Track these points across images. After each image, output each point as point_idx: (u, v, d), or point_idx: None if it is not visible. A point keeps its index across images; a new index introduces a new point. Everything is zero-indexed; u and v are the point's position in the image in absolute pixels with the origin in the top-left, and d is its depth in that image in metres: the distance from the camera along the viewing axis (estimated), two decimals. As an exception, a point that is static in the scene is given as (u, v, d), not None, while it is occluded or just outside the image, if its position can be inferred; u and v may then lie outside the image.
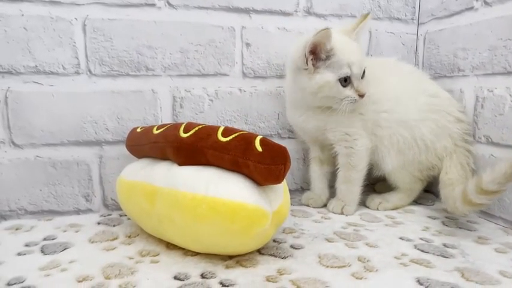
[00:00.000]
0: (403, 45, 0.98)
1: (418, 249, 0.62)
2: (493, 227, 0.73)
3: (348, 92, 0.72)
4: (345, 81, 0.71)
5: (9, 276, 0.52)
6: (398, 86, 0.80)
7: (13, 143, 0.75)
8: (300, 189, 0.96)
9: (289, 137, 0.92)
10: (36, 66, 0.75)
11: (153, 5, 0.79)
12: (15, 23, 0.73)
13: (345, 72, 0.70)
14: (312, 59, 0.70)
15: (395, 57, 0.96)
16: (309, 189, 0.89)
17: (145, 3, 0.79)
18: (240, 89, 0.88)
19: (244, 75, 0.88)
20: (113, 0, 0.77)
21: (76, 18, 0.76)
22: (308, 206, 0.85)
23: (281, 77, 0.89)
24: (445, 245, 0.63)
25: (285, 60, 0.87)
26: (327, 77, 0.70)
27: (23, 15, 0.73)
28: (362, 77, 0.73)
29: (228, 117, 0.88)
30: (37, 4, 0.73)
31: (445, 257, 0.59)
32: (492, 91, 0.77)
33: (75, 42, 0.76)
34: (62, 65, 0.76)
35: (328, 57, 0.70)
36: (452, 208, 0.70)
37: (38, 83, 0.75)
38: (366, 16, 0.76)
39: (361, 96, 0.72)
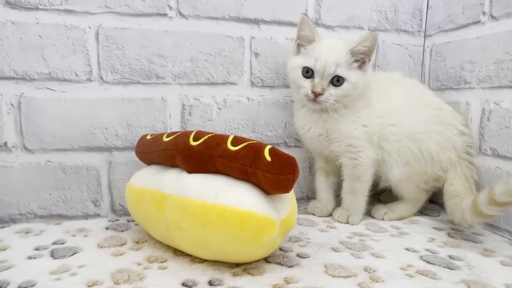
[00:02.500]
0: (409, 56, 0.99)
1: (424, 260, 0.62)
2: (498, 240, 0.73)
3: (305, 83, 0.74)
4: (307, 72, 0.74)
5: (20, 280, 0.53)
6: (404, 100, 0.81)
7: (25, 147, 0.77)
8: (306, 197, 0.96)
9: (295, 146, 0.93)
10: (50, 73, 0.76)
11: (165, 14, 0.81)
12: (31, 30, 0.74)
13: (308, 62, 0.73)
14: (298, 44, 0.76)
15: (401, 68, 0.98)
16: (314, 198, 0.90)
17: (157, 13, 0.81)
18: (248, 98, 0.89)
19: (253, 84, 0.89)
20: (125, 9, 0.79)
21: (89, 27, 0.77)
22: (314, 214, 0.86)
23: (288, 86, 0.90)
24: (451, 257, 0.64)
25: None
26: (297, 60, 0.76)
27: (38, 23, 0.75)
28: (334, 83, 0.73)
29: (236, 126, 0.89)
30: (52, 13, 0.75)
31: (451, 268, 0.59)
32: (498, 104, 0.78)
33: (88, 50, 0.78)
34: (75, 72, 0.78)
35: (308, 44, 0.75)
36: (460, 219, 0.70)
37: (50, 89, 0.77)
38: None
39: (314, 93, 0.72)
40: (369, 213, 0.84)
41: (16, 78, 0.75)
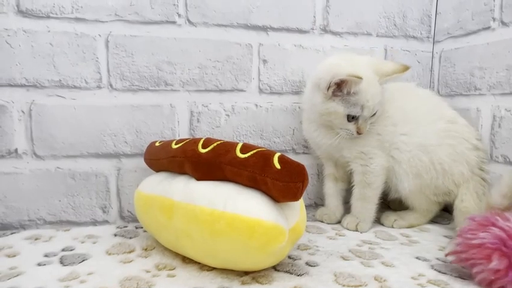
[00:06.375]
0: (418, 63, 0.99)
1: (435, 269, 0.61)
2: (511, 249, 0.72)
3: (350, 126, 0.74)
4: (353, 118, 0.74)
5: (30, 287, 0.53)
6: (418, 110, 0.80)
7: (35, 154, 0.78)
8: (314, 204, 0.96)
9: (304, 153, 0.93)
10: (60, 80, 0.77)
11: (174, 22, 0.82)
12: (42, 38, 0.75)
13: (355, 111, 0.73)
14: (334, 89, 0.71)
15: (410, 74, 0.97)
16: (322, 205, 0.89)
17: (166, 20, 0.81)
18: (256, 105, 0.89)
19: (261, 91, 0.89)
20: (135, 17, 0.79)
21: (99, 35, 0.78)
22: (322, 221, 0.85)
23: (297, 93, 0.90)
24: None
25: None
26: (338, 108, 0.73)
27: (49, 31, 0.76)
28: (372, 116, 0.75)
29: (244, 132, 0.89)
30: (63, 21, 0.76)
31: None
32: (510, 111, 0.77)
33: (97, 58, 0.78)
34: (85, 80, 0.78)
35: (348, 95, 0.72)
36: None
37: (61, 96, 0.78)
38: (405, 69, 0.75)
39: (359, 134, 0.74)
40: (378, 221, 0.83)
41: (27, 85, 0.76)
